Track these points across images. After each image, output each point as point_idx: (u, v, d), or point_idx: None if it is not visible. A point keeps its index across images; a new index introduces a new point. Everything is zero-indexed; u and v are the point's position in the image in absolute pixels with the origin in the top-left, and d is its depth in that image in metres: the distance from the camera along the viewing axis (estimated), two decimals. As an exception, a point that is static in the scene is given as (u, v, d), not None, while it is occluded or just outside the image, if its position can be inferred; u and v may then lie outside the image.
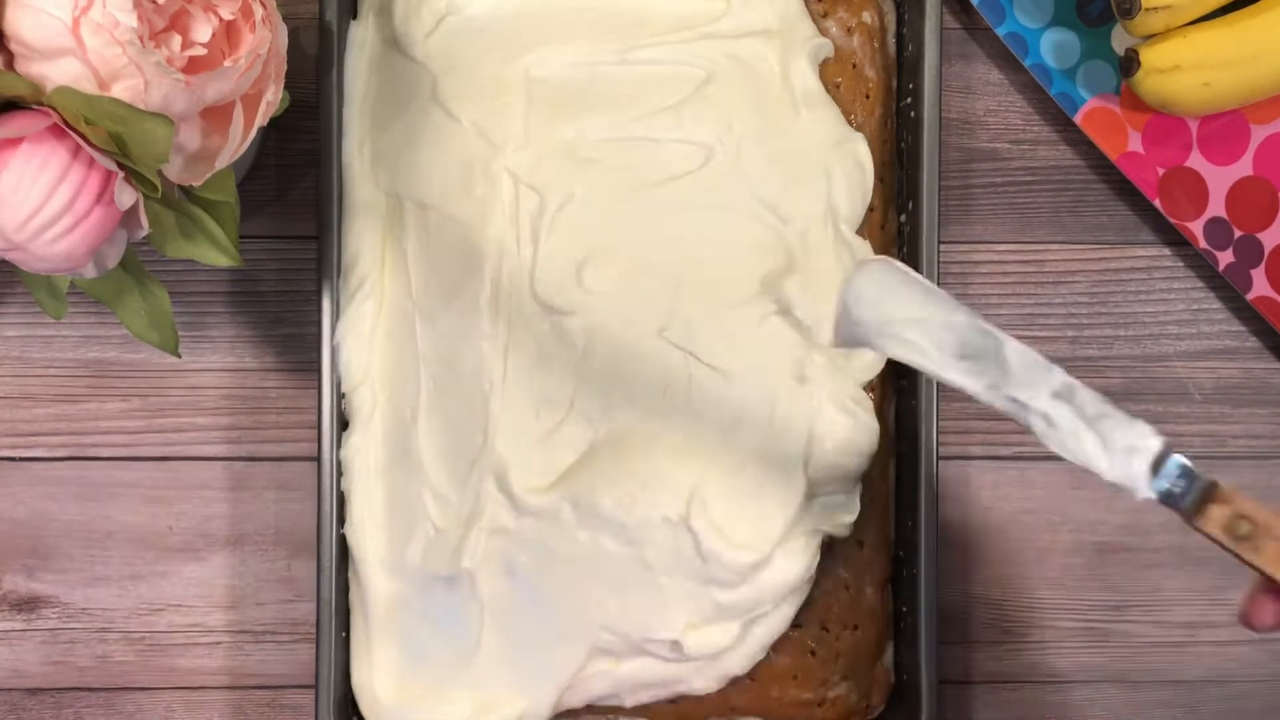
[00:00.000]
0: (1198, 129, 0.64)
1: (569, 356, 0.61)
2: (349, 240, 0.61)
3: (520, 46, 0.62)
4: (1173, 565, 0.67)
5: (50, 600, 0.65)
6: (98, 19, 0.44)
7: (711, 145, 0.61)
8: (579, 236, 0.61)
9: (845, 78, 0.64)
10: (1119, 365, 0.67)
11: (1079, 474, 0.66)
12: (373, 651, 0.61)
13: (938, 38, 0.62)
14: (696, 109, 0.62)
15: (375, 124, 0.62)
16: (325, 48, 0.61)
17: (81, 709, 0.66)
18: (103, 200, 0.46)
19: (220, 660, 0.66)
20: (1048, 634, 0.67)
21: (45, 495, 0.65)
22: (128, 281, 0.53)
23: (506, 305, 0.61)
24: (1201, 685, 0.68)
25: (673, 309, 0.61)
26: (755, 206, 0.61)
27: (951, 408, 0.66)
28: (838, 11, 0.64)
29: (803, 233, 0.61)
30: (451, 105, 0.61)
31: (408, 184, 0.61)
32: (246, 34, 0.48)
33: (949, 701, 0.66)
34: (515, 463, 0.61)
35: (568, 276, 0.61)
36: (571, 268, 0.61)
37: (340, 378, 0.61)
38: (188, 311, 0.65)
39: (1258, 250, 0.64)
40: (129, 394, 0.65)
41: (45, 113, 0.45)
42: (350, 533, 0.61)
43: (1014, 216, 0.67)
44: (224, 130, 0.49)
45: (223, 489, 0.65)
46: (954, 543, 0.66)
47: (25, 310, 0.65)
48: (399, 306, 0.61)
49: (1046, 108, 0.66)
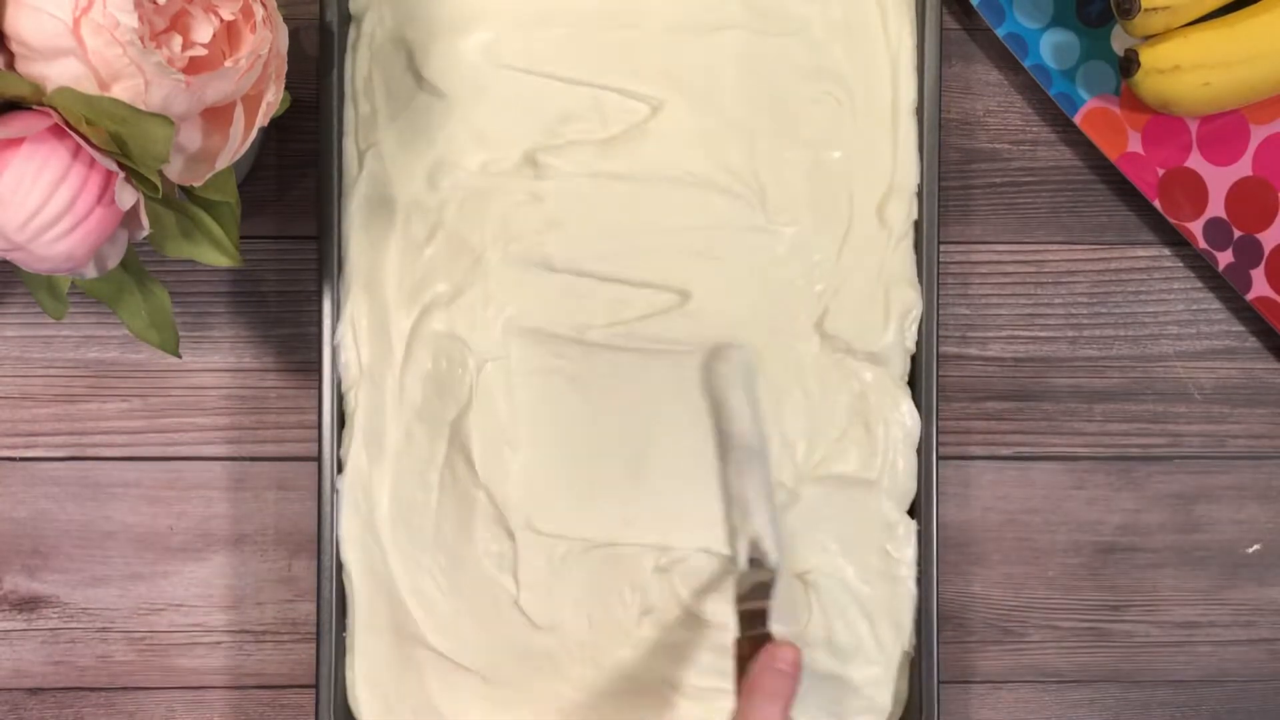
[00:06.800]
0: (1197, 129, 0.64)
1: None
2: (349, 240, 0.61)
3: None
4: (1173, 565, 0.67)
5: (51, 600, 0.65)
6: (98, 19, 0.44)
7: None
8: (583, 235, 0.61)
9: (845, 78, 0.64)
10: (1119, 365, 0.67)
11: (1079, 474, 0.67)
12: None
13: (938, 38, 0.62)
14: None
15: (375, 123, 0.62)
16: (325, 48, 0.61)
17: (82, 709, 0.66)
18: (103, 200, 0.46)
19: (220, 660, 0.66)
20: (1048, 634, 0.67)
21: (45, 495, 0.65)
22: (128, 282, 0.53)
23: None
24: (1201, 685, 0.68)
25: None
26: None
27: (951, 408, 0.66)
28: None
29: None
30: (452, 104, 0.61)
31: (408, 184, 0.62)
32: (247, 34, 0.48)
33: (949, 701, 0.66)
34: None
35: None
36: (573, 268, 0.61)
37: (340, 378, 0.61)
38: (188, 311, 0.65)
39: (1257, 250, 0.64)
40: (129, 394, 0.65)
41: (46, 113, 0.45)
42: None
43: (1014, 216, 0.67)
44: (224, 130, 0.49)
45: (223, 489, 0.66)
46: (954, 543, 0.66)
47: (25, 310, 0.65)
48: (399, 306, 0.61)
49: (1046, 108, 0.66)
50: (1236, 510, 0.67)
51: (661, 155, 0.62)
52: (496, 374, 0.61)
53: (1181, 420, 0.67)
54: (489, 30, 0.61)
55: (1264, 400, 0.67)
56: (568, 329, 0.62)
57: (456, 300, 0.61)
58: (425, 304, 0.61)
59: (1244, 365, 0.67)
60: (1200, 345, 0.67)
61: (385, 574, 0.61)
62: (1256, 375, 0.67)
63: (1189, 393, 0.67)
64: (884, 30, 0.62)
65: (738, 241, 0.62)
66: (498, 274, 0.61)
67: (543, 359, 0.62)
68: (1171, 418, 0.67)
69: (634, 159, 0.62)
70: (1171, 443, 0.67)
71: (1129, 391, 0.67)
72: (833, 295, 0.62)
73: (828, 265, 0.62)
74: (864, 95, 0.62)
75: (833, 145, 0.62)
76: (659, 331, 0.62)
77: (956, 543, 0.66)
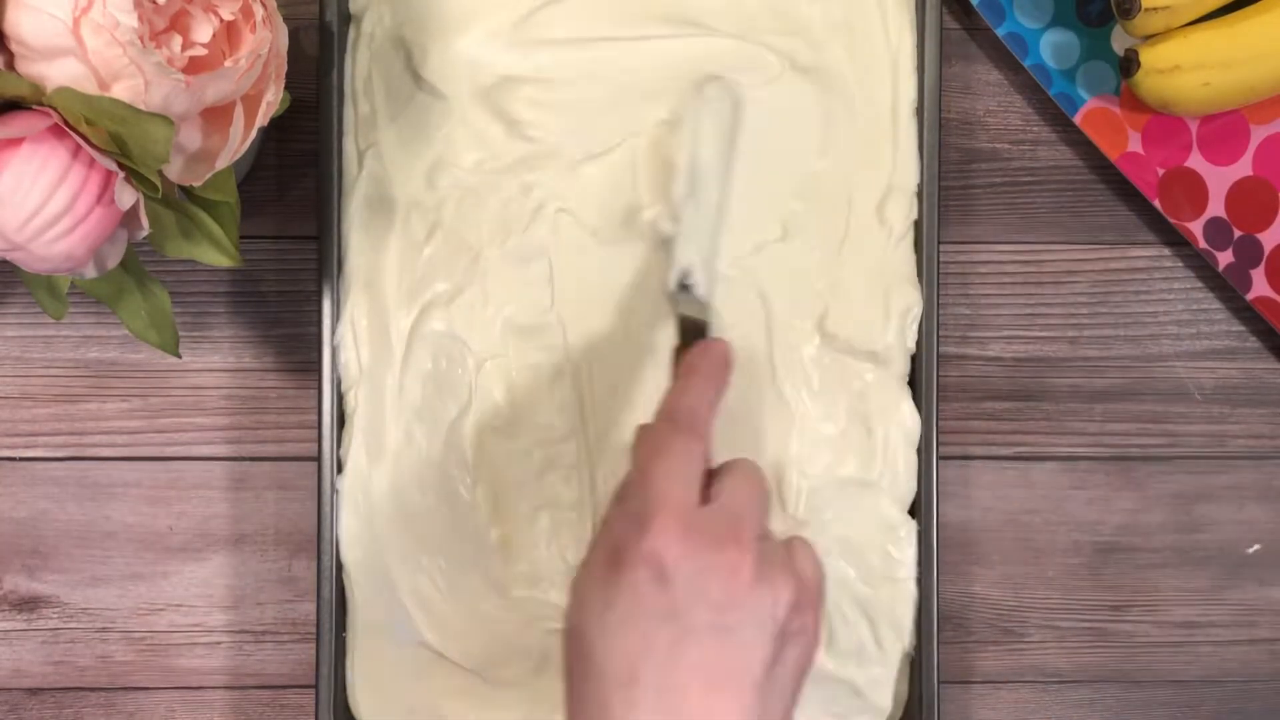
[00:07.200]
0: (1197, 129, 0.64)
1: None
2: (349, 240, 0.61)
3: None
4: (1173, 565, 0.67)
5: (51, 600, 0.65)
6: (98, 19, 0.44)
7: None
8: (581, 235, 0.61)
9: (845, 78, 0.64)
10: (1119, 365, 0.67)
11: (1079, 474, 0.67)
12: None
13: (938, 38, 0.62)
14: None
15: (375, 123, 0.62)
16: (325, 47, 0.61)
17: (82, 709, 0.66)
18: (103, 200, 0.46)
19: (220, 660, 0.66)
20: (1048, 634, 0.67)
21: (45, 495, 0.65)
22: (128, 281, 0.53)
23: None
24: (1201, 685, 0.68)
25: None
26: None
27: (951, 408, 0.66)
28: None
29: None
30: (453, 104, 0.61)
31: (408, 183, 0.61)
32: (247, 34, 0.48)
33: (949, 701, 0.66)
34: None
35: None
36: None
37: (340, 378, 0.61)
38: (188, 311, 0.65)
39: (1257, 250, 0.64)
40: (129, 394, 0.65)
41: (45, 113, 0.45)
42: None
43: (1014, 216, 0.67)
44: (224, 130, 0.49)
45: (223, 489, 0.66)
46: (954, 543, 0.66)
47: (25, 310, 0.65)
48: (399, 306, 0.61)
49: (1046, 108, 0.66)
50: (1236, 510, 0.67)
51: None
52: (495, 372, 0.62)
53: (1181, 420, 0.67)
54: (487, 30, 0.61)
55: (1264, 400, 0.67)
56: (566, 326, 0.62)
57: (455, 299, 0.61)
58: (425, 303, 0.61)
59: (1244, 365, 0.67)
60: (1200, 345, 0.67)
61: (385, 574, 0.61)
62: (1256, 375, 0.67)
63: (1189, 393, 0.67)
64: (884, 30, 0.62)
65: (735, 240, 0.62)
66: (496, 272, 0.61)
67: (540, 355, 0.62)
68: (1171, 418, 0.67)
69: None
70: (1171, 443, 0.67)
71: (1129, 391, 0.67)
72: (833, 294, 0.62)
73: (828, 264, 0.62)
74: (864, 95, 0.62)
75: (833, 145, 0.62)
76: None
77: (956, 543, 0.66)
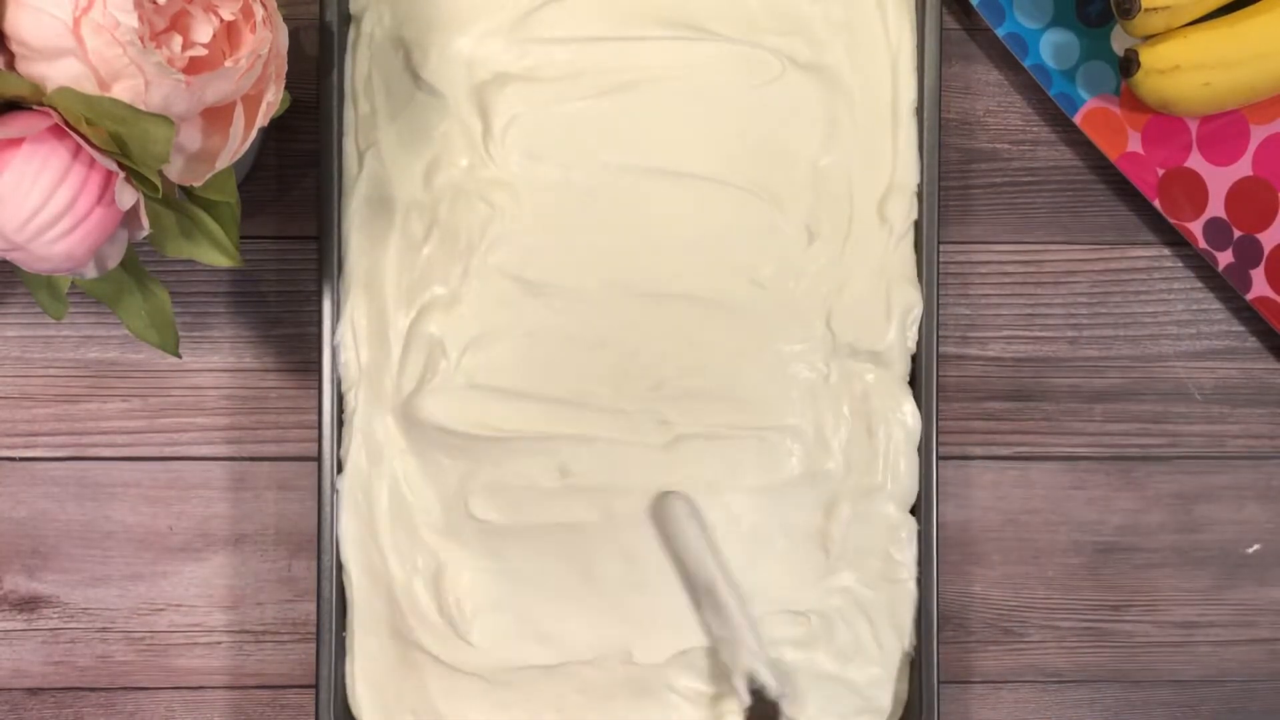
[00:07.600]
0: (1197, 129, 0.64)
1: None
2: (349, 240, 0.61)
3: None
4: (1173, 565, 0.67)
5: (51, 600, 0.65)
6: (98, 19, 0.44)
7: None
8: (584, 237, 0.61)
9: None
10: (1119, 365, 0.67)
11: (1079, 474, 0.67)
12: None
13: (938, 38, 0.62)
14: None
15: (375, 123, 0.62)
16: (325, 48, 0.61)
17: (82, 709, 0.66)
18: (103, 200, 0.46)
19: (220, 660, 0.66)
20: (1048, 634, 0.67)
21: (45, 495, 0.65)
22: (128, 281, 0.53)
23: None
24: (1201, 685, 0.68)
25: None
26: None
27: (951, 408, 0.66)
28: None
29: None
30: (448, 103, 0.61)
31: (407, 183, 0.61)
32: (247, 34, 0.48)
33: (949, 701, 0.66)
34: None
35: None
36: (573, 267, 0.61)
37: (340, 378, 0.61)
38: (188, 311, 0.65)
39: (1257, 250, 0.64)
40: (129, 394, 0.65)
41: (46, 113, 0.45)
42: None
43: (1014, 216, 0.67)
44: (224, 131, 0.49)
45: (223, 489, 0.66)
46: (954, 543, 0.66)
47: (25, 310, 0.65)
48: (398, 306, 0.61)
49: (1046, 108, 0.66)
50: (1236, 510, 0.67)
51: (661, 154, 0.62)
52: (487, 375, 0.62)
53: (1181, 420, 0.67)
54: (486, 30, 0.61)
55: (1264, 400, 0.67)
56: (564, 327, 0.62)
57: (451, 299, 0.61)
58: (423, 304, 0.61)
59: (1244, 365, 0.67)
60: (1200, 345, 0.67)
61: (385, 574, 0.61)
62: (1256, 375, 0.67)
63: (1189, 393, 0.67)
64: (884, 30, 0.62)
65: (738, 240, 0.62)
66: (486, 275, 0.61)
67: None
68: (1171, 418, 0.67)
69: (632, 157, 0.62)
70: (1171, 443, 0.67)
71: (1129, 391, 0.67)
72: (836, 294, 0.62)
73: (830, 263, 0.62)
74: (864, 95, 0.62)
75: (833, 144, 0.62)
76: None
77: (956, 543, 0.66)
